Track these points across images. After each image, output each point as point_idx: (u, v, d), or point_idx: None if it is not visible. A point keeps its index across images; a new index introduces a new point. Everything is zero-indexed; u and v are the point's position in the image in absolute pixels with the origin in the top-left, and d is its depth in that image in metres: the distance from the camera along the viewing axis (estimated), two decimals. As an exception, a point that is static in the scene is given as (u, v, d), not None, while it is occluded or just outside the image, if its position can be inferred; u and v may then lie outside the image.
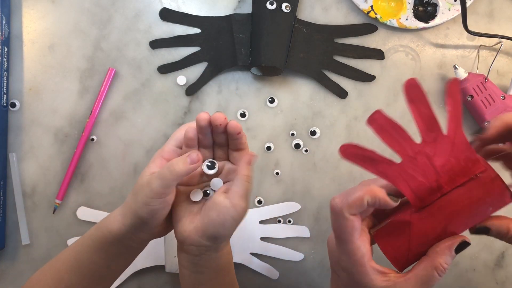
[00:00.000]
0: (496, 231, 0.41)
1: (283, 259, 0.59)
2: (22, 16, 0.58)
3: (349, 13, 0.60)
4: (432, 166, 0.40)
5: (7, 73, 0.58)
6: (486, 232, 0.41)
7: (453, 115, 0.40)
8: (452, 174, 0.40)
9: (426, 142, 0.41)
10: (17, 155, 0.58)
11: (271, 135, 0.60)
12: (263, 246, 0.59)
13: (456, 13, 0.58)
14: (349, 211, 0.37)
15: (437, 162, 0.40)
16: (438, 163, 0.40)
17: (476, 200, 0.40)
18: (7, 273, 0.59)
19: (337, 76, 0.60)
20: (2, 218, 0.57)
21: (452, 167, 0.40)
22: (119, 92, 0.59)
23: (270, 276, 0.59)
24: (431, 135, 0.40)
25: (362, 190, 0.37)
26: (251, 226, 0.59)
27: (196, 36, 0.59)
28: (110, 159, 0.59)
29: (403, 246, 0.38)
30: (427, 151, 0.40)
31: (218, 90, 0.60)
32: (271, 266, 0.59)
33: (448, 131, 0.40)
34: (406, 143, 0.42)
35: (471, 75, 0.57)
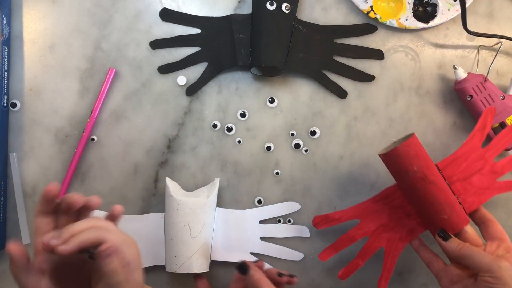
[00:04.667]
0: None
1: (283, 259, 0.59)
2: (23, 16, 0.59)
3: (349, 13, 0.60)
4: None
5: (8, 73, 0.58)
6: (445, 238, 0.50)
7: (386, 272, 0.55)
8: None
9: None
10: (18, 155, 0.58)
11: (271, 135, 0.60)
12: (263, 246, 0.59)
13: (456, 13, 0.59)
14: None
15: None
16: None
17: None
18: (8, 273, 0.59)
19: (337, 76, 0.60)
20: (2, 218, 0.57)
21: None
22: (119, 92, 0.59)
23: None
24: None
25: None
26: (251, 226, 0.59)
27: (196, 36, 0.59)
28: (111, 159, 0.59)
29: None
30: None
31: (218, 90, 0.60)
32: (271, 266, 0.59)
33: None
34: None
35: (471, 75, 0.57)
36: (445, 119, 0.61)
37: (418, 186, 0.50)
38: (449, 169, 0.52)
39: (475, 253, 0.46)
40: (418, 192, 0.50)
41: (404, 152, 0.49)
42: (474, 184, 0.52)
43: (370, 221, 0.53)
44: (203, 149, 0.60)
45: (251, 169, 0.60)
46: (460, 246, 0.48)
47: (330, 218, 0.53)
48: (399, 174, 0.51)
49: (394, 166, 0.51)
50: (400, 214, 0.53)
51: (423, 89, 0.61)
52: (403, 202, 0.53)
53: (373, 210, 0.53)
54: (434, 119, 0.61)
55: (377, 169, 0.61)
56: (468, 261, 0.46)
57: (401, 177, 0.51)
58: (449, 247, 0.48)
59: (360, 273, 0.57)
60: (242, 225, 0.58)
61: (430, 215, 0.51)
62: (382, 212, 0.53)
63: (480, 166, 0.52)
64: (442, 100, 0.61)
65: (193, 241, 0.54)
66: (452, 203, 0.50)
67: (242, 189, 0.60)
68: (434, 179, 0.50)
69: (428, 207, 0.50)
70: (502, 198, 0.61)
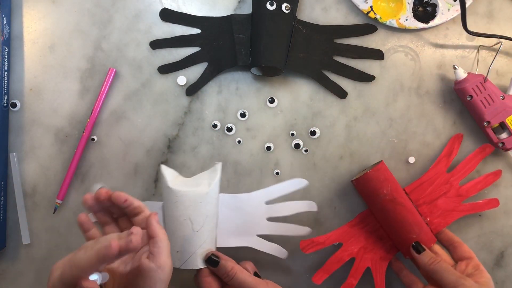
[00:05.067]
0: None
1: (290, 235, 0.56)
2: (23, 16, 0.59)
3: (348, 13, 0.60)
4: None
5: (8, 73, 0.58)
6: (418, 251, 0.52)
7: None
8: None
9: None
10: (18, 155, 0.58)
11: (271, 135, 0.60)
12: (269, 226, 0.56)
13: (456, 13, 0.59)
14: None
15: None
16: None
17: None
18: (8, 273, 0.59)
19: (337, 76, 0.60)
20: (2, 218, 0.57)
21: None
22: (119, 92, 0.59)
23: (279, 255, 0.57)
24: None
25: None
26: (257, 208, 0.56)
27: (196, 37, 0.59)
28: (111, 159, 0.59)
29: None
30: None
31: (218, 90, 0.60)
32: (279, 246, 0.57)
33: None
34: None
35: (471, 75, 0.57)
36: (445, 119, 0.61)
37: (388, 208, 0.54)
38: (416, 193, 0.57)
39: (443, 270, 0.48)
40: (389, 213, 0.54)
41: (374, 176, 0.54)
42: (440, 207, 0.56)
43: (352, 244, 0.57)
44: (203, 149, 0.60)
45: (251, 169, 0.60)
46: (431, 260, 0.50)
47: (315, 242, 0.56)
48: (371, 197, 0.55)
49: (366, 190, 0.55)
50: (374, 238, 0.57)
51: (423, 89, 0.61)
52: (375, 226, 0.57)
53: (352, 234, 0.57)
54: (434, 119, 0.61)
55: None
56: (437, 276, 0.49)
57: (372, 200, 0.55)
58: (422, 261, 0.51)
59: None
60: (248, 209, 0.55)
61: (400, 234, 0.54)
62: (360, 236, 0.57)
63: (445, 190, 0.57)
64: (442, 100, 0.61)
65: (196, 236, 0.51)
66: (420, 223, 0.54)
67: (242, 189, 0.60)
68: (402, 201, 0.54)
69: (398, 227, 0.54)
70: (501, 198, 0.61)
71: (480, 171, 0.61)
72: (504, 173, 0.61)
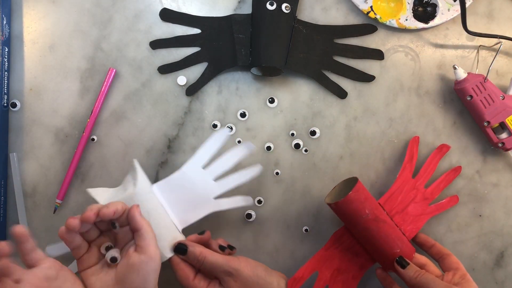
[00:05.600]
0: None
1: (237, 207, 0.56)
2: (23, 16, 0.59)
3: (348, 13, 0.60)
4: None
5: (8, 73, 0.58)
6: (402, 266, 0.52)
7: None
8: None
9: None
10: (18, 155, 0.58)
11: (271, 135, 0.60)
12: (216, 204, 0.56)
13: (456, 13, 0.59)
14: None
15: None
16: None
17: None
18: (8, 272, 0.59)
19: (337, 76, 0.60)
20: (2, 218, 0.57)
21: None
22: (119, 92, 0.59)
23: (246, 204, 0.57)
24: None
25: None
26: (197, 175, 0.55)
27: (196, 37, 0.59)
28: (111, 159, 0.59)
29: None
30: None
31: (218, 90, 0.60)
32: (240, 196, 0.56)
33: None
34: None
35: (471, 75, 0.57)
36: (445, 119, 0.61)
37: (372, 227, 0.52)
38: (388, 204, 0.56)
39: (430, 281, 0.48)
40: (372, 233, 0.53)
41: (355, 198, 0.52)
42: (410, 214, 0.56)
43: (326, 269, 0.56)
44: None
45: (251, 169, 0.60)
46: (417, 273, 0.50)
47: (297, 279, 0.55)
48: (352, 219, 0.53)
49: (347, 212, 0.53)
50: (349, 256, 0.56)
51: (423, 89, 0.61)
52: (351, 243, 0.56)
53: (326, 258, 0.56)
54: (434, 119, 0.61)
55: (377, 169, 0.61)
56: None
57: (354, 221, 0.53)
58: (407, 275, 0.50)
59: None
60: (189, 182, 0.55)
61: (384, 251, 0.53)
62: (334, 257, 0.56)
63: (413, 195, 0.57)
64: (442, 100, 0.61)
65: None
66: (401, 237, 0.54)
67: (242, 189, 0.60)
68: (384, 218, 0.53)
69: (382, 245, 0.53)
70: (501, 198, 0.61)
71: (480, 171, 0.61)
72: (504, 173, 0.61)
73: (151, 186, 0.53)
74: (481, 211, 0.61)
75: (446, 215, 0.61)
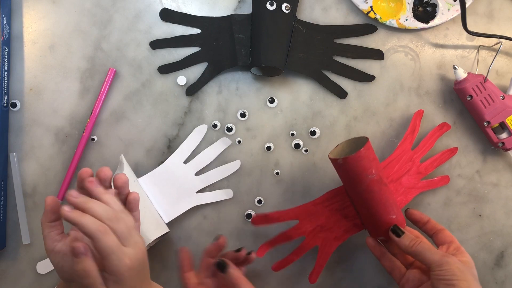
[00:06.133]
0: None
1: (216, 201, 0.60)
2: (23, 16, 0.59)
3: (348, 13, 0.60)
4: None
5: (8, 73, 0.58)
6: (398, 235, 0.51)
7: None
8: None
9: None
10: (18, 155, 0.58)
11: (271, 135, 0.60)
12: (198, 197, 0.59)
13: (456, 13, 0.59)
14: None
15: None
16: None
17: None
18: (8, 273, 0.59)
19: (337, 76, 0.60)
20: (2, 218, 0.57)
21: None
22: (119, 92, 0.59)
23: (227, 197, 0.60)
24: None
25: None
26: (180, 171, 0.59)
27: (196, 37, 0.59)
28: (111, 159, 0.59)
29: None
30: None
31: (218, 90, 0.60)
32: (222, 190, 0.60)
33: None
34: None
35: (471, 75, 0.57)
36: (445, 119, 0.61)
37: (375, 189, 0.51)
38: (386, 171, 0.56)
39: (426, 250, 0.48)
40: (373, 194, 0.51)
41: (366, 155, 0.50)
42: (403, 185, 0.56)
43: (308, 222, 0.55)
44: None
45: (251, 169, 0.60)
46: (412, 242, 0.49)
47: (269, 217, 0.55)
48: (357, 178, 0.51)
49: (354, 169, 0.50)
50: (338, 216, 0.55)
51: (423, 89, 0.61)
52: (343, 205, 0.55)
53: (312, 212, 0.55)
54: (434, 119, 0.61)
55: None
56: (420, 257, 0.48)
57: (357, 180, 0.51)
58: (403, 244, 0.50)
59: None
60: (173, 176, 0.58)
61: (380, 215, 0.52)
62: (321, 214, 0.55)
63: (408, 167, 0.57)
64: (442, 100, 0.61)
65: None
66: (396, 204, 0.53)
67: (242, 189, 0.60)
68: (386, 181, 0.52)
69: (379, 208, 0.51)
70: (501, 198, 0.61)
71: (480, 171, 0.61)
72: (504, 173, 0.61)
73: (136, 178, 0.57)
74: (481, 211, 0.61)
75: (446, 215, 0.61)
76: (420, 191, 0.58)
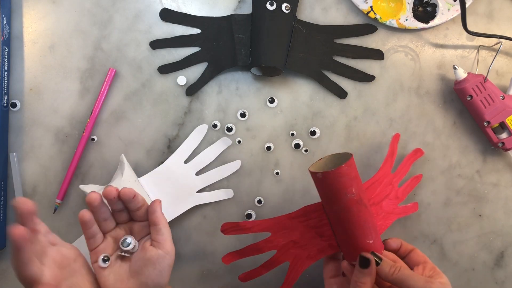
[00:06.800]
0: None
1: (216, 201, 0.60)
2: (23, 16, 0.59)
3: (348, 13, 0.60)
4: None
5: (8, 73, 0.58)
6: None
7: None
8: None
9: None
10: (18, 155, 0.58)
11: (271, 135, 0.60)
12: (198, 197, 0.59)
13: (456, 13, 0.59)
14: None
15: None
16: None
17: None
18: (8, 273, 0.59)
19: (337, 76, 0.60)
20: (2, 218, 0.57)
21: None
22: (119, 92, 0.59)
23: (227, 197, 0.60)
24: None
25: None
26: (181, 171, 0.59)
27: (196, 37, 0.59)
28: (111, 159, 0.59)
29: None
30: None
31: (218, 90, 0.60)
32: (222, 189, 0.60)
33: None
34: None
35: (471, 75, 0.57)
36: (445, 119, 0.61)
37: (352, 209, 0.47)
38: (368, 192, 0.52)
39: (407, 276, 0.46)
40: (351, 215, 0.47)
41: (347, 172, 0.46)
42: (383, 209, 0.54)
43: (281, 236, 0.52)
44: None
45: (251, 169, 0.60)
46: (392, 269, 0.46)
47: (240, 226, 0.52)
48: (336, 195, 0.47)
49: (333, 185, 0.47)
50: (313, 233, 0.51)
51: (423, 89, 0.61)
52: (319, 222, 0.51)
53: (286, 226, 0.52)
54: (434, 119, 0.61)
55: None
56: (402, 285, 0.46)
57: (336, 197, 0.47)
58: (383, 271, 0.47)
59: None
60: (172, 177, 0.59)
61: (357, 238, 0.48)
62: (295, 229, 0.52)
63: (389, 191, 0.54)
64: (442, 100, 0.61)
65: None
66: (376, 228, 0.49)
67: (242, 189, 0.60)
68: (367, 203, 0.49)
69: (356, 231, 0.48)
70: (501, 198, 0.61)
71: (480, 171, 0.61)
72: (504, 173, 0.61)
73: (137, 178, 0.57)
74: (481, 211, 0.61)
75: (446, 215, 0.61)
76: (398, 217, 0.55)
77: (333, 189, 0.47)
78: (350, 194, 0.47)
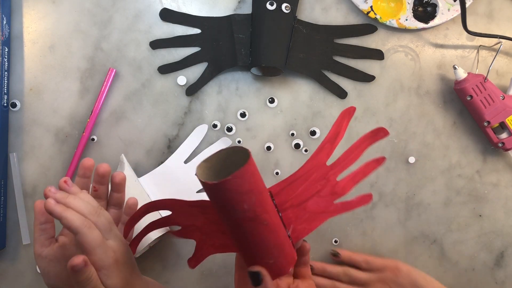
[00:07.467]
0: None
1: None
2: (23, 16, 0.59)
3: (348, 13, 0.60)
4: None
5: (8, 73, 0.58)
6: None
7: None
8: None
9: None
10: (18, 155, 0.58)
11: (271, 135, 0.60)
12: (198, 197, 0.59)
13: (456, 13, 0.59)
14: None
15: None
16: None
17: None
18: (8, 273, 0.59)
19: (337, 76, 0.60)
20: (2, 218, 0.57)
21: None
22: (119, 92, 0.59)
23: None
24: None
25: None
26: (180, 170, 0.59)
27: (196, 37, 0.59)
28: (111, 159, 0.59)
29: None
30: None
31: (218, 90, 0.60)
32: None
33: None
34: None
35: (471, 75, 0.57)
36: (445, 119, 0.61)
37: (245, 227, 0.38)
38: (284, 194, 0.43)
39: None
40: (244, 234, 0.39)
41: (234, 186, 0.36)
42: (309, 209, 0.43)
43: (183, 218, 0.44)
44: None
45: (251, 169, 0.60)
46: None
47: (152, 205, 0.45)
48: (223, 209, 0.39)
49: (219, 200, 0.38)
50: (214, 228, 0.43)
51: (423, 89, 0.61)
52: (220, 220, 0.42)
53: (187, 212, 0.44)
54: (434, 119, 0.61)
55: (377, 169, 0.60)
56: None
57: (224, 212, 0.39)
58: None
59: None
60: (173, 176, 0.59)
61: (255, 258, 0.40)
62: (197, 218, 0.44)
63: (320, 187, 0.43)
64: (442, 100, 0.61)
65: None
66: (282, 245, 0.41)
67: (242, 189, 0.60)
68: (267, 218, 0.39)
69: (253, 250, 0.40)
70: (501, 198, 0.61)
71: (480, 171, 0.61)
72: (504, 173, 0.61)
73: (137, 178, 0.57)
74: (481, 211, 0.61)
75: (446, 215, 0.61)
76: (332, 215, 0.43)
77: (220, 203, 0.38)
78: (241, 212, 0.37)
